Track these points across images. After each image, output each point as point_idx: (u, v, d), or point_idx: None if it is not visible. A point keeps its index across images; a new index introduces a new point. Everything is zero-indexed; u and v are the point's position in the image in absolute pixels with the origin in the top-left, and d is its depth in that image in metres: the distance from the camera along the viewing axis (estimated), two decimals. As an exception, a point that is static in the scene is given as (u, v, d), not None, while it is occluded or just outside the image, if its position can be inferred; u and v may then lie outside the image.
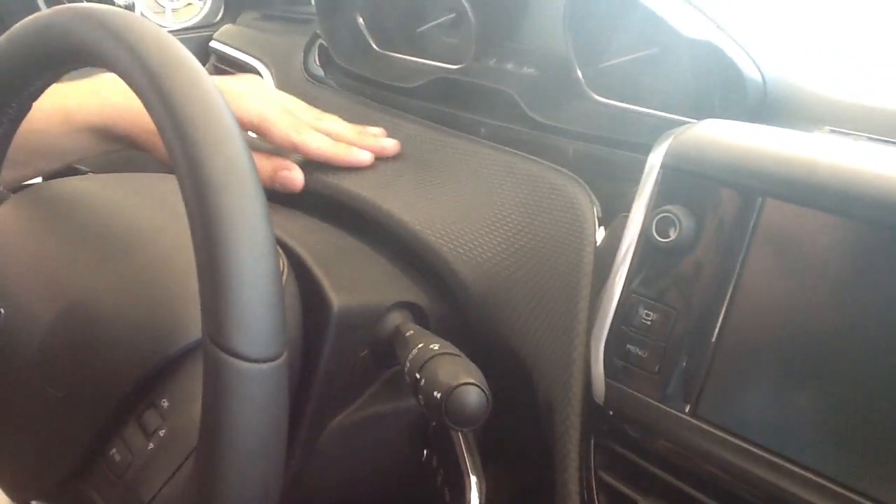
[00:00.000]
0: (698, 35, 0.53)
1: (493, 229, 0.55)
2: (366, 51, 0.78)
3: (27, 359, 0.46)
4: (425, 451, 0.58)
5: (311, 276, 0.49)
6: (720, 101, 0.54)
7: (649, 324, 0.44)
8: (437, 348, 0.45)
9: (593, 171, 0.55)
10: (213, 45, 0.95)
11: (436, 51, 0.74)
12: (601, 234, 0.51)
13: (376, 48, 0.78)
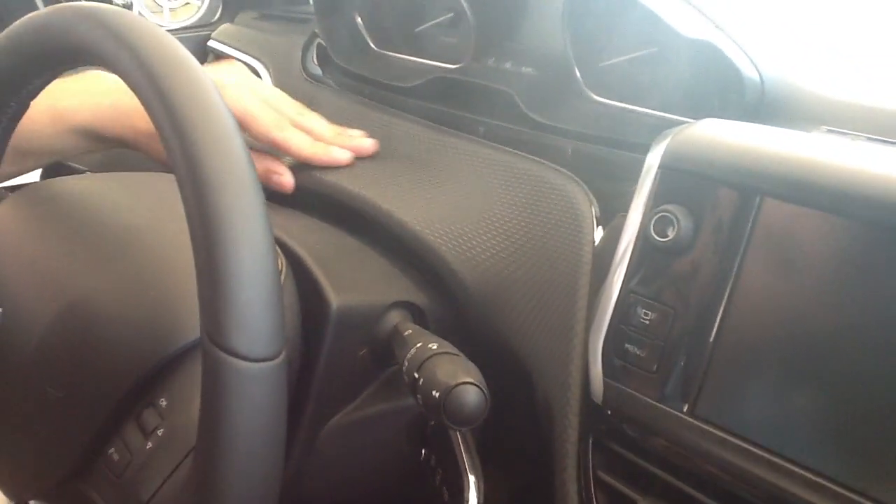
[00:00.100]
0: (697, 35, 0.53)
1: (492, 229, 0.55)
2: (364, 50, 0.78)
3: (26, 358, 0.46)
4: (424, 451, 0.58)
5: (309, 275, 0.49)
6: (718, 101, 0.54)
7: (648, 323, 0.44)
8: (435, 348, 0.45)
9: (592, 170, 0.55)
10: (211, 44, 0.95)
11: (434, 50, 0.74)
12: (599, 233, 0.51)
13: (375, 48, 0.78)
